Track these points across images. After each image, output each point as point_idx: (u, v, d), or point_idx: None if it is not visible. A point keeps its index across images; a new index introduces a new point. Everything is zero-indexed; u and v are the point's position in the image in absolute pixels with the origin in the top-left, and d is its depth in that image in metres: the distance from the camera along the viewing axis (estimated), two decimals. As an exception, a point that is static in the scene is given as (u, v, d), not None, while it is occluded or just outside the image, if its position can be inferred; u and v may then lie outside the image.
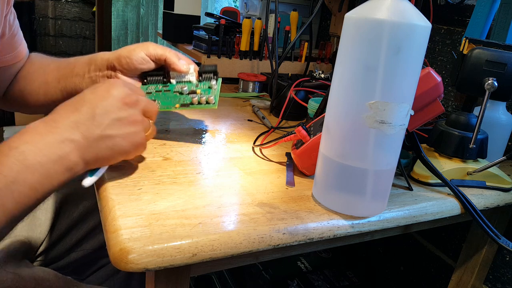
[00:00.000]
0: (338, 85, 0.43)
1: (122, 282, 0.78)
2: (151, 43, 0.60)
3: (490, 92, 0.53)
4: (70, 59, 0.64)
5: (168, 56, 0.58)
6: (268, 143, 0.60)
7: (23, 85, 0.65)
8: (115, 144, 0.43)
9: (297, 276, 0.98)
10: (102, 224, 0.40)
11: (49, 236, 0.69)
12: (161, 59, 0.59)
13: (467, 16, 0.84)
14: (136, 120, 0.44)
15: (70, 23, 2.30)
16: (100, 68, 0.60)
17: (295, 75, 0.96)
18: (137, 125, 0.44)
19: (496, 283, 0.81)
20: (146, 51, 0.58)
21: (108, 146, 0.42)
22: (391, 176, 0.45)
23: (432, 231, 0.94)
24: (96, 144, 0.41)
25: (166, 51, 0.59)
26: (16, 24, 0.62)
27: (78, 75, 0.61)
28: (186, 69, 0.59)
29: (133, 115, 0.44)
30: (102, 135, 0.42)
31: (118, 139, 0.43)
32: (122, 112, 0.43)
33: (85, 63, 0.61)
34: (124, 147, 0.43)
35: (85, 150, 0.41)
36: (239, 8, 1.44)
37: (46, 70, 0.64)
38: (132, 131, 0.44)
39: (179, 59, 0.59)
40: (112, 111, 0.42)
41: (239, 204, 0.44)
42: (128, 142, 0.43)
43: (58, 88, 0.62)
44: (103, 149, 0.42)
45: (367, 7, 0.39)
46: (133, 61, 0.58)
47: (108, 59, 0.59)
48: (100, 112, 0.42)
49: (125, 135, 0.43)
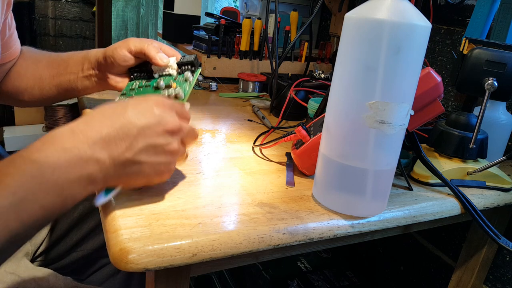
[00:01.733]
0: (338, 85, 0.43)
1: (122, 282, 0.78)
2: (133, 38, 0.58)
3: (490, 92, 0.53)
4: (63, 55, 0.64)
5: (146, 50, 0.56)
6: (268, 143, 0.60)
7: (17, 81, 0.65)
8: (141, 170, 0.39)
9: (297, 276, 0.98)
10: (102, 224, 0.40)
11: (49, 236, 0.69)
12: (140, 53, 0.57)
13: (467, 16, 0.84)
14: (172, 149, 0.40)
15: (70, 23, 2.30)
16: (93, 66, 0.60)
17: (295, 75, 0.96)
18: (171, 155, 0.40)
19: (496, 283, 0.81)
20: (127, 48, 0.57)
21: (133, 171, 0.39)
22: (391, 176, 0.45)
23: (432, 231, 0.94)
24: (121, 168, 0.38)
25: (145, 45, 0.57)
26: (13, 24, 0.62)
27: (72, 73, 0.61)
28: (164, 62, 0.56)
29: (170, 144, 0.40)
30: (131, 160, 0.38)
31: (146, 166, 0.39)
32: (160, 139, 0.39)
33: (78, 61, 0.61)
34: (149, 174, 0.40)
35: (108, 171, 0.37)
36: (239, 8, 1.44)
37: (39, 65, 0.64)
38: (163, 161, 0.40)
39: (158, 51, 0.57)
40: (150, 135, 0.38)
41: (239, 204, 0.44)
42: (155, 170, 0.40)
43: (53, 84, 0.62)
44: (127, 173, 0.38)
45: (367, 7, 0.39)
46: (116, 60, 0.57)
47: (98, 58, 0.59)
48: (135, 134, 0.37)
49: (154, 164, 0.39)
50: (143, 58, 0.59)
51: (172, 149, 0.40)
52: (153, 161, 0.39)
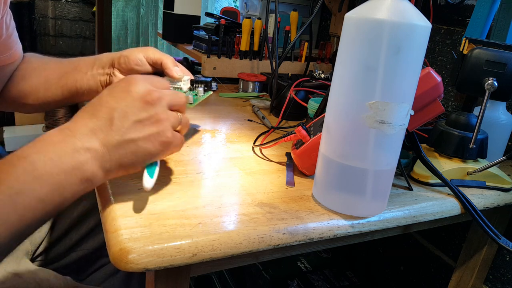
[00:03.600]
0: (338, 85, 0.43)
1: (122, 282, 0.78)
2: (153, 48, 0.60)
3: (490, 92, 0.53)
4: (74, 59, 0.64)
5: (164, 61, 0.58)
6: (268, 143, 0.60)
7: (21, 84, 0.64)
8: (138, 148, 0.39)
9: (297, 276, 0.98)
10: (102, 224, 0.40)
11: (49, 236, 0.69)
12: (157, 63, 0.58)
13: (467, 16, 0.84)
14: (160, 118, 0.41)
15: (70, 23, 2.30)
16: (103, 66, 0.60)
17: (295, 75, 0.96)
18: (162, 124, 0.41)
19: (496, 283, 0.81)
20: (145, 54, 0.58)
21: (131, 151, 0.39)
22: (391, 176, 0.45)
23: (432, 231, 0.94)
24: (117, 151, 0.38)
25: (163, 56, 0.58)
26: (12, 24, 0.62)
27: (80, 72, 0.61)
28: (179, 75, 0.58)
29: (156, 114, 0.40)
30: (123, 140, 0.39)
31: (141, 142, 0.39)
32: (143, 113, 0.40)
33: (90, 62, 0.61)
34: (150, 149, 0.40)
35: (104, 159, 0.38)
36: (239, 8, 1.44)
37: (46, 67, 0.64)
38: (156, 131, 0.40)
39: (175, 65, 0.58)
40: (132, 112, 0.39)
41: (239, 204, 0.44)
42: (154, 143, 0.40)
43: (59, 85, 0.62)
44: (126, 154, 0.39)
45: (367, 7, 0.39)
46: (130, 60, 0.58)
47: (112, 58, 0.59)
48: (118, 116, 0.39)
49: (148, 137, 0.40)
50: (158, 68, 0.59)
51: (160, 118, 0.41)
52: (146, 134, 0.40)
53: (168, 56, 0.59)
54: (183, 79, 0.59)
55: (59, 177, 0.36)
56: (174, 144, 0.42)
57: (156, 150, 0.41)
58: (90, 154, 0.37)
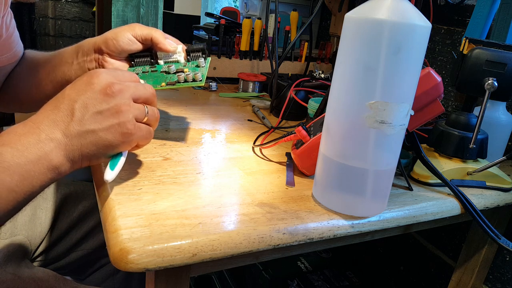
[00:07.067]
0: (338, 85, 0.43)
1: (122, 282, 0.78)
2: (138, 24, 0.58)
3: (490, 92, 0.53)
4: (59, 50, 0.63)
5: (154, 35, 0.57)
6: (268, 143, 0.60)
7: (15, 82, 0.64)
8: (98, 138, 0.40)
9: (297, 276, 0.98)
10: (102, 224, 0.40)
11: (49, 236, 0.69)
12: (147, 39, 0.57)
13: (467, 16, 0.84)
14: (120, 110, 0.41)
15: (70, 23, 2.30)
16: (87, 53, 0.58)
17: (295, 75, 0.97)
18: (122, 115, 0.41)
19: (496, 283, 0.81)
20: (133, 32, 0.57)
21: (91, 141, 0.40)
22: (391, 176, 0.45)
23: (432, 231, 0.94)
24: (78, 141, 0.40)
25: (152, 31, 0.57)
26: (13, 24, 0.61)
27: (66, 63, 0.60)
28: (173, 48, 0.57)
29: (116, 105, 0.41)
30: (83, 130, 0.40)
31: (102, 133, 0.40)
32: (102, 104, 0.40)
33: (72, 51, 0.60)
34: (111, 140, 0.41)
35: (68, 148, 0.39)
36: (239, 8, 1.44)
37: (37, 64, 0.64)
38: (116, 122, 0.41)
39: (166, 38, 0.57)
40: (91, 104, 0.40)
41: (239, 204, 0.44)
42: (114, 134, 0.41)
43: (49, 80, 0.61)
44: (87, 145, 0.40)
45: (367, 7, 0.39)
46: (119, 42, 0.56)
47: (95, 43, 0.58)
48: (79, 107, 0.40)
49: (108, 128, 0.40)
50: (147, 44, 0.58)
51: (120, 109, 0.41)
52: (106, 126, 0.40)
53: (156, 29, 0.58)
54: (177, 51, 0.57)
55: (27, 167, 0.37)
56: (137, 136, 0.43)
57: (117, 141, 0.41)
58: (53, 144, 0.39)
